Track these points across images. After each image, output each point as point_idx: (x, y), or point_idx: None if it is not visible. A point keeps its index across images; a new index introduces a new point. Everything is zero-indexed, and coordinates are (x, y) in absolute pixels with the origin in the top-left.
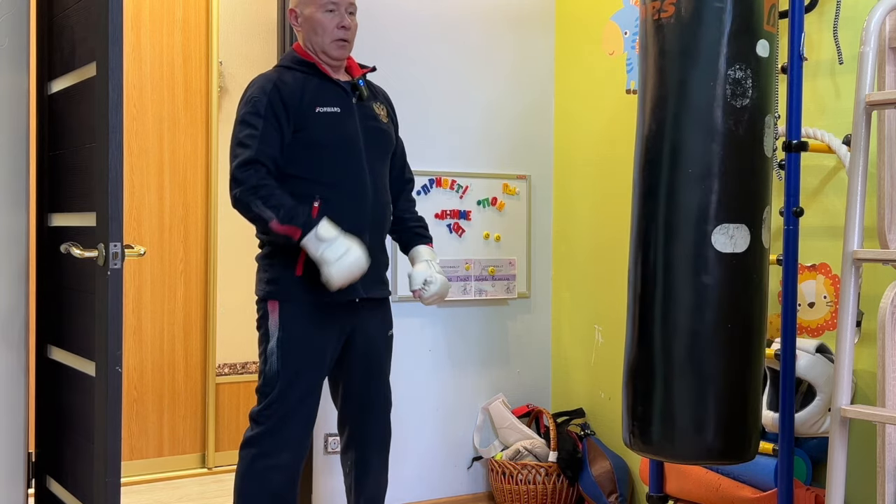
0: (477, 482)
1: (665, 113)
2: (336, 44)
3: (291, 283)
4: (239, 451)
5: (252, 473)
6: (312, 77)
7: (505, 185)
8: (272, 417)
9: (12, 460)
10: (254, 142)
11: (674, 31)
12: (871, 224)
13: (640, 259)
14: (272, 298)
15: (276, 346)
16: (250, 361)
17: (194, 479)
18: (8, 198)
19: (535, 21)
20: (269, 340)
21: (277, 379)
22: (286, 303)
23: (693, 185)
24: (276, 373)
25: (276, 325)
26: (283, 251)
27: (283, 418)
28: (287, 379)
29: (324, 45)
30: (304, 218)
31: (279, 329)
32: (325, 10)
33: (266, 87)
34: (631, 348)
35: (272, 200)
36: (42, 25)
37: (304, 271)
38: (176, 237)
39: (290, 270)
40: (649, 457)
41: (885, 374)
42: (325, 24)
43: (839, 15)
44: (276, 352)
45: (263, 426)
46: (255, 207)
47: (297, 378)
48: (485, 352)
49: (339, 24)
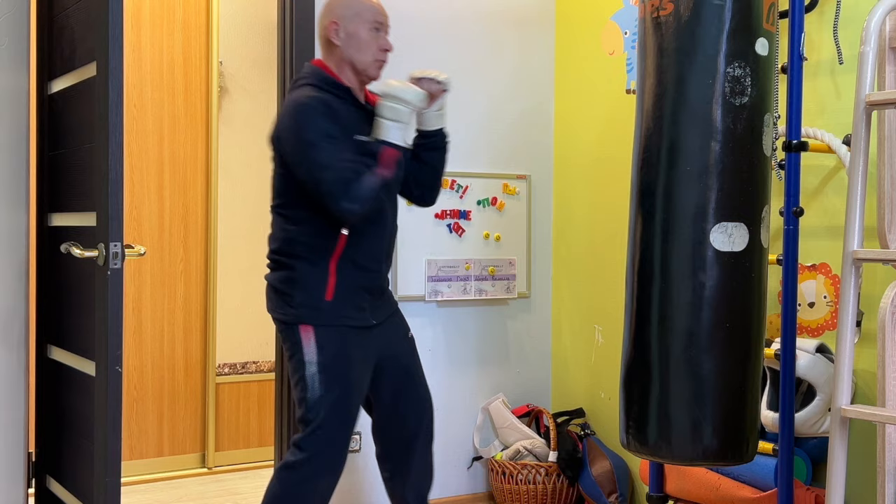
0: (477, 482)
1: (663, 111)
2: (377, 64)
3: (323, 307)
4: (277, 471)
5: (292, 498)
6: (346, 102)
7: (505, 185)
8: (318, 443)
9: (12, 460)
10: (334, 161)
11: (672, 29)
12: (871, 224)
13: (637, 258)
14: (304, 323)
15: (318, 371)
16: (250, 361)
17: (194, 479)
18: (8, 197)
19: (535, 21)
20: (306, 367)
21: (322, 405)
22: (321, 327)
23: (691, 183)
24: (320, 398)
25: (313, 350)
26: (308, 273)
27: (328, 443)
28: (331, 404)
29: (365, 63)
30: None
31: (318, 354)
32: (371, 28)
33: (321, 109)
34: (628, 348)
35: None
36: (42, 25)
37: (334, 295)
38: (176, 237)
39: (320, 294)
40: (646, 458)
41: (885, 374)
42: (370, 43)
43: (839, 15)
44: (317, 377)
45: (308, 452)
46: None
47: (340, 402)
48: (485, 351)
49: (382, 46)
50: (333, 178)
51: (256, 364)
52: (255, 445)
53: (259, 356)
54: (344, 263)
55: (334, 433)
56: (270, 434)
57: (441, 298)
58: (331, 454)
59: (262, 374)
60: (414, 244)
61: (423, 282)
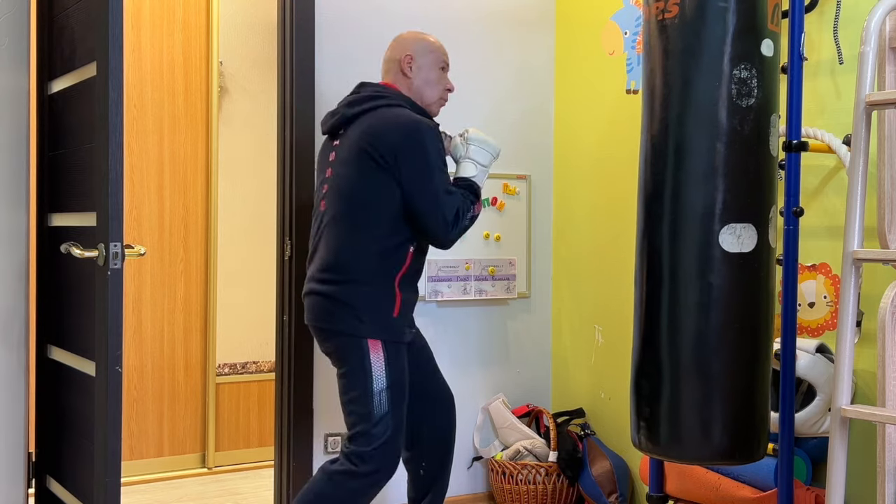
0: (477, 482)
1: (670, 113)
2: (439, 103)
3: (392, 324)
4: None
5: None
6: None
7: (505, 185)
8: (385, 457)
9: (12, 460)
10: (453, 189)
11: (677, 31)
12: (871, 224)
13: (646, 259)
14: (374, 338)
15: (387, 387)
16: (250, 361)
17: (194, 479)
18: (8, 197)
19: (535, 22)
20: (372, 380)
21: (389, 420)
22: (390, 343)
23: (699, 184)
24: (387, 414)
25: (381, 365)
26: (377, 290)
27: (391, 457)
28: (397, 419)
29: (430, 100)
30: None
31: (386, 368)
32: (439, 67)
33: (437, 135)
34: (637, 349)
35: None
36: (42, 25)
37: (400, 313)
38: (176, 237)
39: (389, 311)
40: (657, 458)
41: (885, 374)
42: (439, 83)
43: (839, 15)
44: (386, 393)
45: (372, 465)
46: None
47: (402, 417)
48: (485, 351)
49: (447, 87)
50: (451, 206)
51: (256, 364)
52: (255, 445)
53: (259, 356)
54: (405, 282)
55: (395, 447)
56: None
57: (441, 298)
58: (389, 467)
59: (262, 374)
60: None
61: (424, 282)
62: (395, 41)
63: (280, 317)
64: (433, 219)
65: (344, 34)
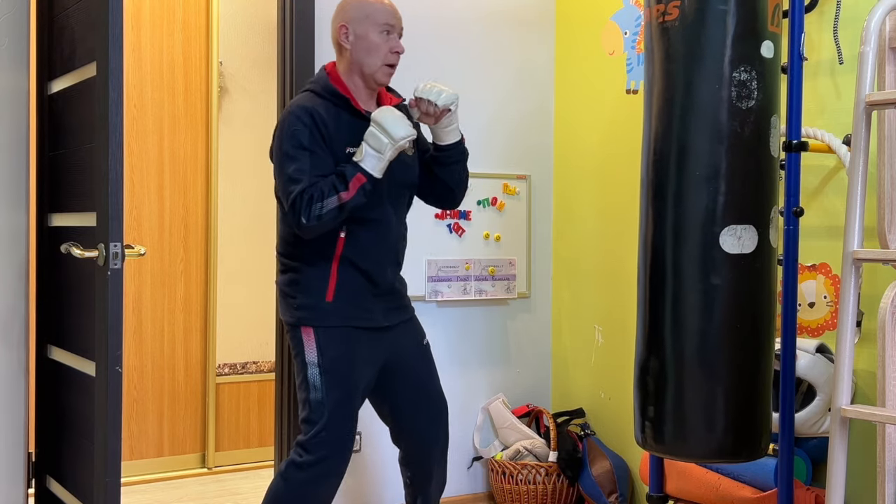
0: (477, 482)
1: (671, 115)
2: (385, 69)
3: (324, 309)
4: (280, 472)
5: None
6: (343, 111)
7: (505, 185)
8: (323, 445)
9: (12, 460)
10: (304, 176)
11: (678, 34)
12: (871, 224)
13: (648, 261)
14: (305, 325)
15: (319, 373)
16: (250, 361)
17: (194, 479)
18: (8, 197)
19: (536, 22)
20: (308, 368)
21: (325, 406)
22: (321, 329)
23: (700, 187)
24: (322, 400)
25: (314, 351)
26: (310, 276)
27: (333, 444)
28: (334, 404)
29: (373, 67)
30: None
31: (318, 355)
32: (381, 30)
33: (305, 119)
34: (641, 349)
35: (323, 190)
36: (42, 25)
37: (335, 297)
38: (176, 237)
39: (320, 296)
40: (662, 456)
41: (885, 374)
42: (379, 46)
43: (839, 15)
44: (319, 378)
45: (315, 454)
46: (320, 211)
47: (343, 403)
48: (485, 352)
49: (392, 49)
50: (299, 191)
51: (256, 364)
52: (255, 445)
53: (259, 356)
54: (344, 265)
55: (338, 434)
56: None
57: (441, 298)
58: (335, 455)
59: (262, 375)
60: (414, 244)
61: (424, 282)
62: (335, 11)
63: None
64: (283, 204)
65: None
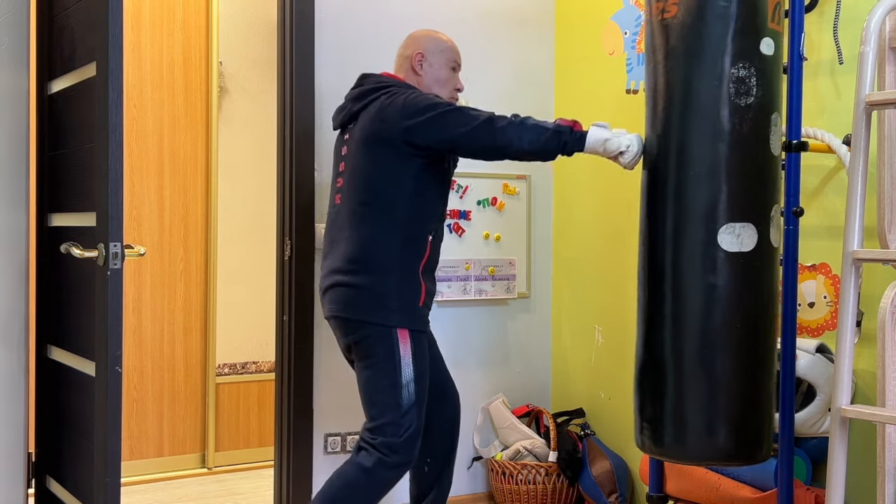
0: (477, 482)
1: (671, 112)
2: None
3: (419, 313)
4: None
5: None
6: None
7: (505, 185)
8: (413, 446)
9: (12, 460)
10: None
11: (677, 31)
12: (871, 224)
13: (647, 259)
14: (402, 327)
15: (414, 377)
16: (250, 361)
17: (194, 479)
18: (8, 198)
19: (535, 21)
20: (402, 372)
21: (416, 411)
22: (415, 332)
23: (700, 184)
24: (413, 404)
25: (409, 355)
26: (404, 278)
27: (415, 448)
28: (421, 411)
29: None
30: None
31: (413, 359)
32: (451, 67)
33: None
34: (640, 350)
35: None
36: (42, 25)
37: (424, 303)
38: (176, 237)
39: (415, 299)
40: (661, 458)
41: (885, 374)
42: (448, 81)
43: (839, 15)
44: (413, 384)
45: (405, 456)
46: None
47: (423, 405)
48: (485, 352)
49: (457, 86)
50: (476, 116)
51: (256, 364)
52: (255, 445)
53: (259, 356)
54: (427, 271)
55: (420, 438)
56: (270, 434)
57: (441, 298)
58: (414, 457)
59: (262, 374)
60: None
61: None
62: (408, 38)
63: (280, 317)
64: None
65: (344, 34)
